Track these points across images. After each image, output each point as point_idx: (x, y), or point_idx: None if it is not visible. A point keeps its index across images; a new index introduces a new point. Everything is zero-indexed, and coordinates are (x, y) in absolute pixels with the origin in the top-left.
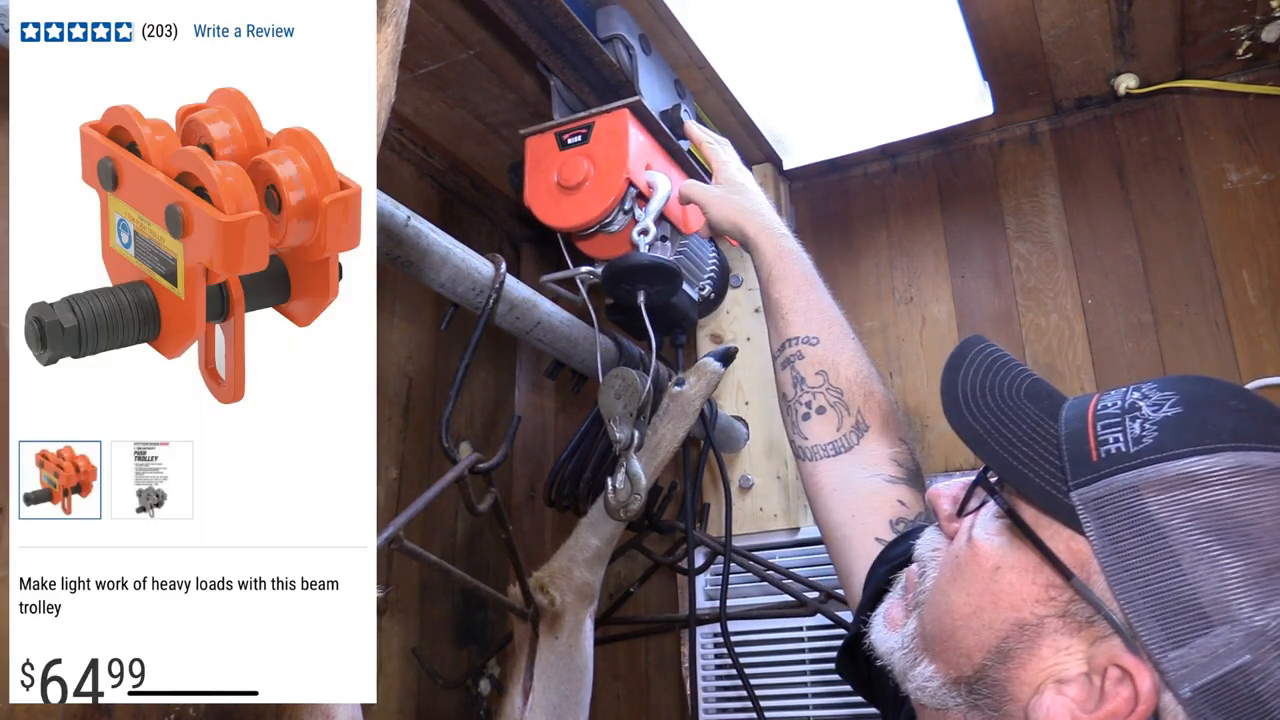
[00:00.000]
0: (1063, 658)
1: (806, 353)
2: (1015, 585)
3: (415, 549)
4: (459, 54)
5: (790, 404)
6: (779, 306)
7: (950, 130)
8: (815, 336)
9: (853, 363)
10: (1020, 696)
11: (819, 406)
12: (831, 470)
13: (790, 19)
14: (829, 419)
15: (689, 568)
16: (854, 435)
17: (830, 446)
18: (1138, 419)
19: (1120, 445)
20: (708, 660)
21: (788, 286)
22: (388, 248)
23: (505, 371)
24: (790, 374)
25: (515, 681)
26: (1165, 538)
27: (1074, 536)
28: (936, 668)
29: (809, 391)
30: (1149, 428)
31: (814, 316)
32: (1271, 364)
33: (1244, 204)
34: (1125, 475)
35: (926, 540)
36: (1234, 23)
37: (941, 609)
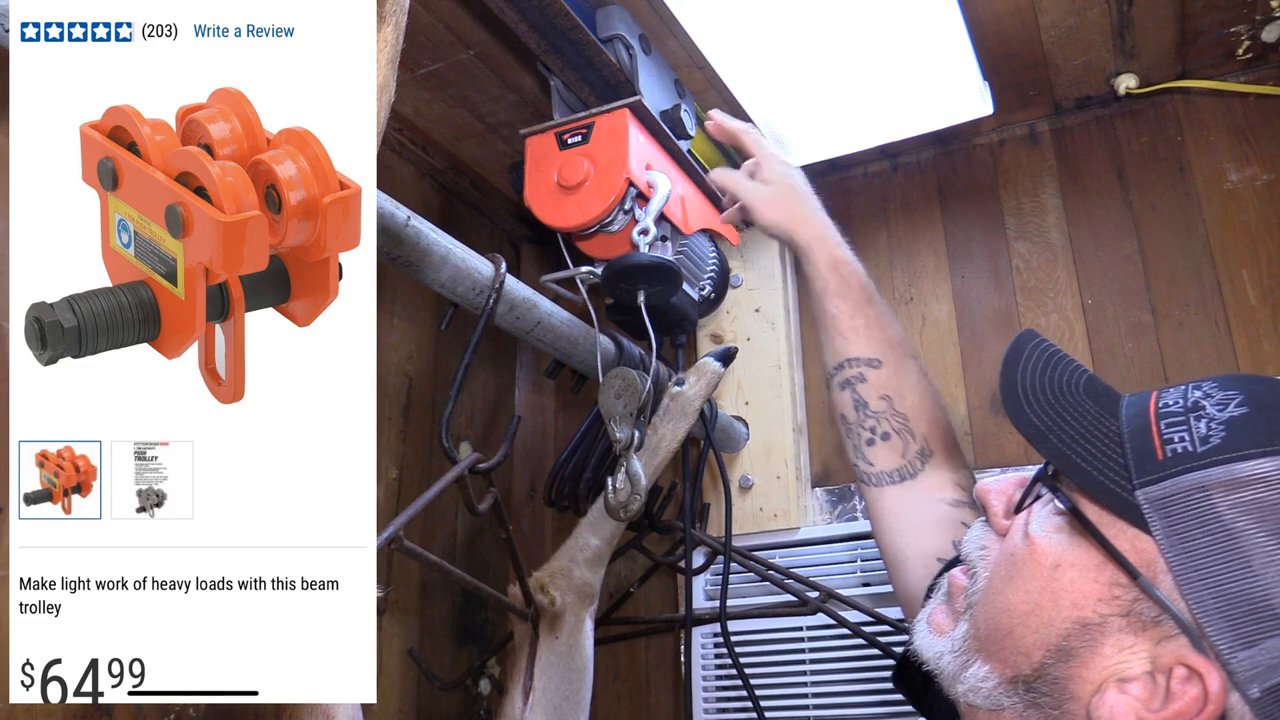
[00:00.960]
0: (1126, 656)
1: (869, 375)
2: (1077, 583)
3: (415, 549)
4: (459, 54)
5: (852, 428)
6: (836, 322)
7: (950, 130)
8: (877, 358)
9: (916, 387)
10: (1081, 695)
11: (883, 432)
12: (896, 496)
13: (790, 19)
14: (894, 445)
15: (687, 568)
16: (919, 461)
17: (895, 473)
18: (1203, 418)
19: (1187, 444)
20: (708, 660)
21: (846, 302)
22: (388, 248)
23: (505, 371)
24: (851, 396)
25: (515, 681)
26: (1235, 538)
27: (1139, 535)
28: (992, 668)
29: (873, 416)
30: (1215, 427)
31: (875, 336)
32: (1271, 364)
33: (1244, 204)
34: (1193, 475)
35: (973, 538)
36: (1234, 23)
37: (997, 608)
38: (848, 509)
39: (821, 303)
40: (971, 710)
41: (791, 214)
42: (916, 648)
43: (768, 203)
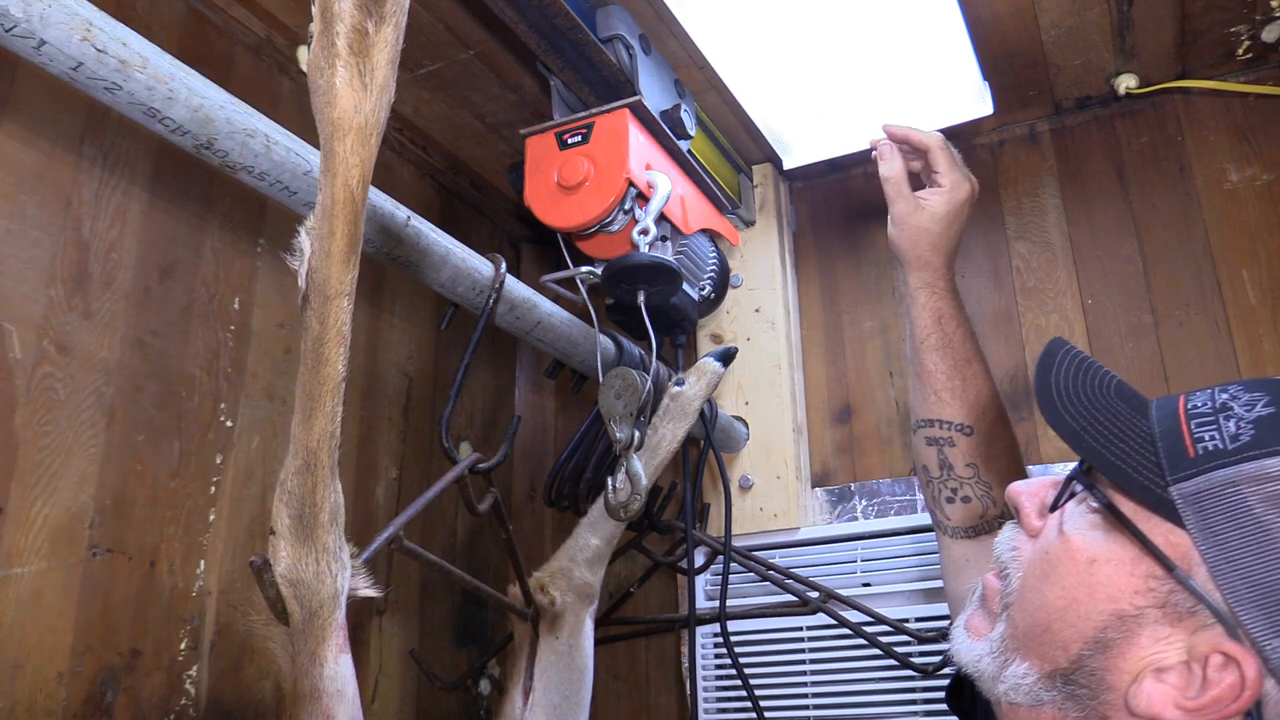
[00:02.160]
0: (1162, 647)
1: (959, 441)
2: (1113, 577)
3: (415, 549)
4: (459, 54)
5: (933, 481)
6: (932, 379)
7: (950, 130)
8: (969, 425)
9: (1005, 453)
10: (1119, 685)
11: (964, 496)
12: (968, 546)
13: (790, 19)
14: (973, 508)
15: (688, 568)
16: (996, 523)
17: (970, 530)
18: (1231, 418)
19: (1217, 442)
20: (708, 660)
21: (945, 360)
22: (388, 248)
23: (505, 371)
24: (937, 455)
25: (515, 681)
26: (1267, 530)
27: (1173, 530)
28: (1030, 664)
29: (956, 479)
30: (1245, 426)
31: (970, 400)
32: (1271, 364)
33: (1244, 204)
34: (1225, 471)
35: (1004, 540)
36: (1234, 23)
37: (1034, 605)
38: (848, 509)
39: (920, 355)
40: (1013, 709)
41: (916, 252)
42: (955, 652)
43: (906, 225)
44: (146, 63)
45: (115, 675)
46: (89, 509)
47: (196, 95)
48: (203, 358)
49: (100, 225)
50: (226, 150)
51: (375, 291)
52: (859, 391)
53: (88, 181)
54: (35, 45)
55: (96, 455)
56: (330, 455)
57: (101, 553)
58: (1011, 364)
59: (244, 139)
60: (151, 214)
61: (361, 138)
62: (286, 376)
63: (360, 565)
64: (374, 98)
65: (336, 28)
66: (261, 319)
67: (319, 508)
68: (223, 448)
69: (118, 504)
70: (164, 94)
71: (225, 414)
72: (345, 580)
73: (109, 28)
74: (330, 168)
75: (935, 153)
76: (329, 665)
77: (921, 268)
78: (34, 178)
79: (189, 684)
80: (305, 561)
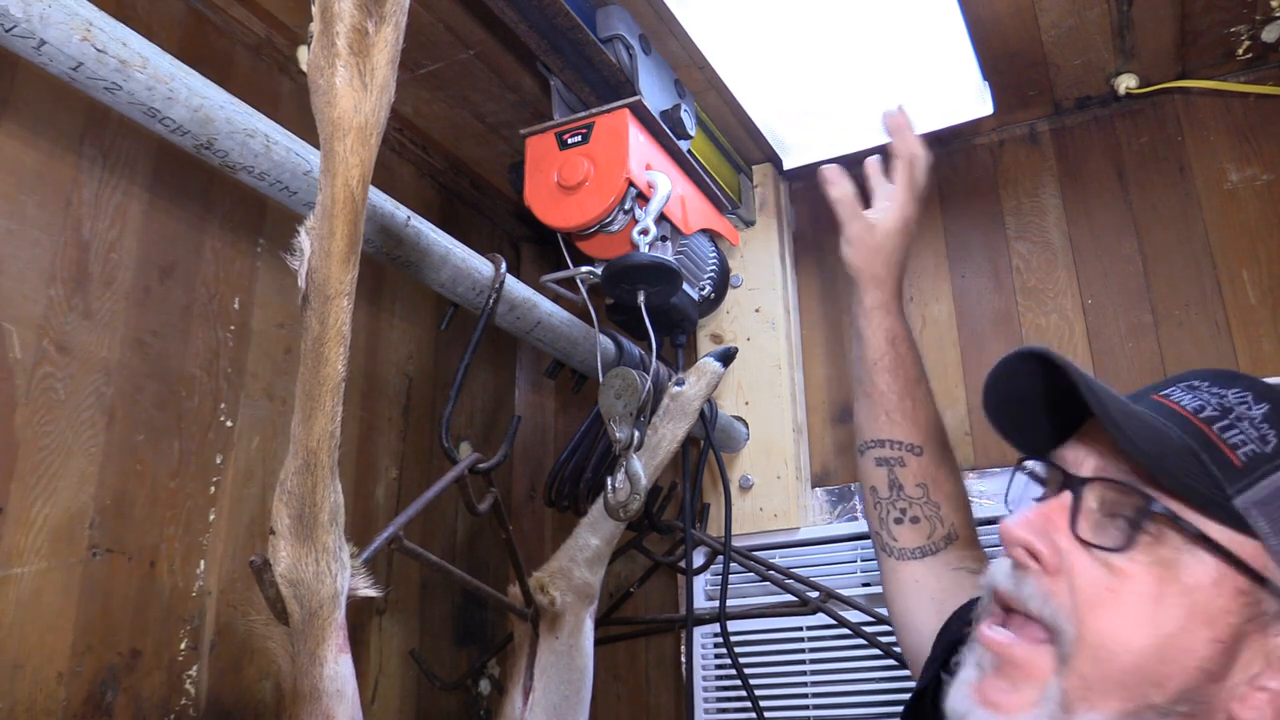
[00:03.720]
0: (1260, 661)
1: (909, 461)
2: (1202, 603)
3: (415, 549)
4: (459, 54)
5: (882, 503)
6: (884, 399)
7: (950, 130)
8: (919, 446)
9: (951, 476)
10: (1220, 704)
11: (913, 516)
12: (916, 569)
13: (790, 19)
14: (921, 528)
15: (688, 568)
16: (943, 543)
17: (918, 550)
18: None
19: (1253, 448)
20: (708, 660)
21: (896, 381)
22: (388, 248)
23: (505, 371)
24: (887, 475)
25: (515, 681)
26: None
27: (1242, 539)
28: (1108, 710)
29: (905, 500)
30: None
31: (920, 422)
32: (1271, 364)
33: (1244, 204)
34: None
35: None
36: (1234, 23)
37: (1115, 652)
38: (848, 509)
39: (872, 374)
40: None
41: (871, 270)
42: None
43: (864, 247)
44: (146, 63)
45: (115, 675)
46: (89, 509)
47: (196, 95)
48: (203, 358)
49: (100, 225)
50: (226, 150)
51: (375, 291)
52: None
53: (88, 181)
54: (35, 45)
55: (96, 455)
56: (330, 455)
57: (101, 553)
58: None
59: (244, 139)
60: (151, 214)
61: (361, 137)
62: (286, 376)
63: (360, 565)
64: (374, 97)
65: (336, 27)
66: (261, 319)
67: (319, 508)
68: (223, 448)
69: (118, 504)
70: (164, 94)
71: (225, 414)
72: (345, 580)
73: (109, 28)
74: (330, 168)
75: (906, 165)
76: (329, 665)
77: (877, 286)
78: (34, 178)
79: (189, 684)
80: (305, 561)
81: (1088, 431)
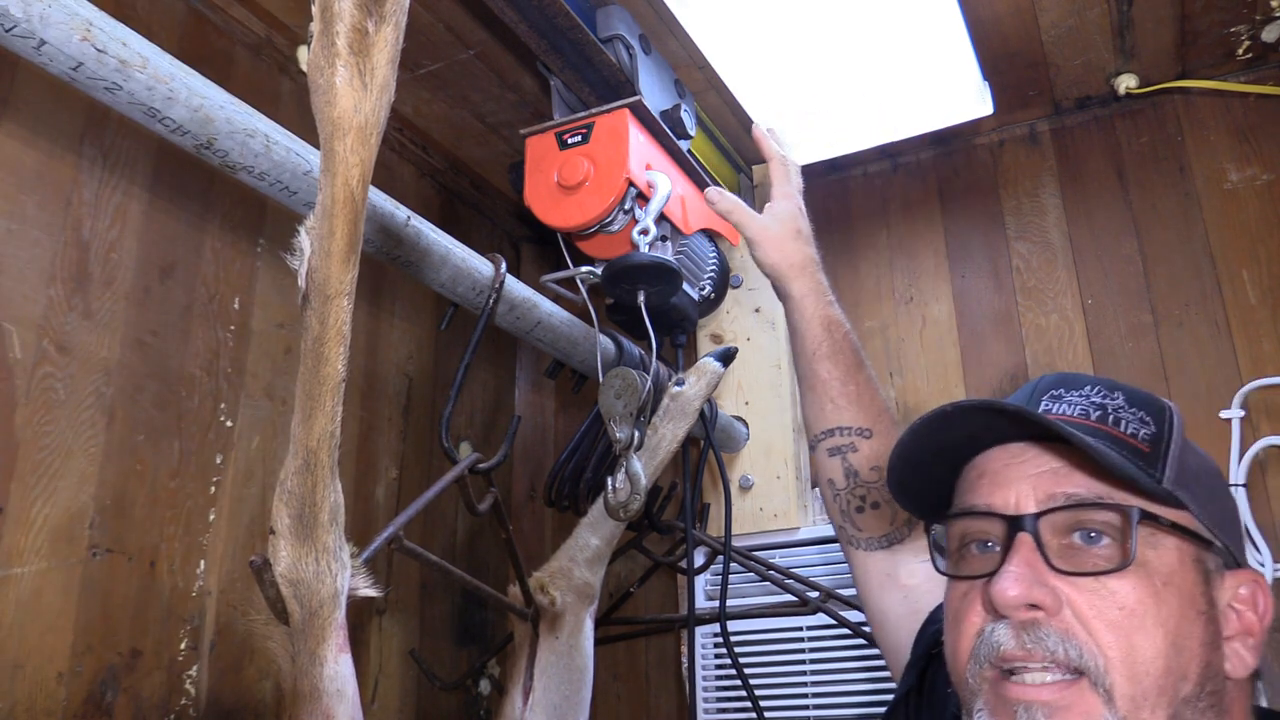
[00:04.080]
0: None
1: (860, 445)
2: (1183, 586)
3: (415, 549)
4: (459, 54)
5: (840, 494)
6: (827, 387)
7: (950, 130)
8: (869, 428)
9: None
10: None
11: (874, 502)
12: (885, 560)
13: (790, 19)
14: (883, 514)
15: (688, 568)
16: (906, 528)
17: (884, 539)
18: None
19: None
20: (708, 660)
21: (838, 366)
22: (388, 248)
23: (505, 371)
24: (842, 464)
25: (515, 681)
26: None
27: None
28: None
29: (864, 486)
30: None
31: (866, 405)
32: (1271, 364)
33: (1244, 204)
34: (1172, 452)
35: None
36: (1234, 23)
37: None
38: None
39: (813, 365)
40: None
41: (790, 260)
42: None
43: (771, 241)
44: (146, 63)
45: (115, 675)
46: (89, 509)
47: (196, 95)
48: (203, 358)
49: (100, 225)
50: (226, 150)
51: (375, 291)
52: None
53: (88, 181)
54: (35, 45)
55: (96, 455)
56: (330, 455)
57: (101, 553)
58: (1012, 364)
59: (244, 139)
60: (151, 214)
61: (361, 137)
62: (286, 376)
63: (360, 565)
64: (374, 97)
65: (337, 27)
66: (261, 319)
67: (319, 507)
68: (223, 448)
69: (118, 504)
70: (164, 94)
71: (225, 414)
72: (345, 580)
73: (109, 28)
74: (330, 167)
75: (771, 165)
76: (329, 665)
77: (798, 275)
78: (34, 178)
79: (189, 684)
80: (305, 561)
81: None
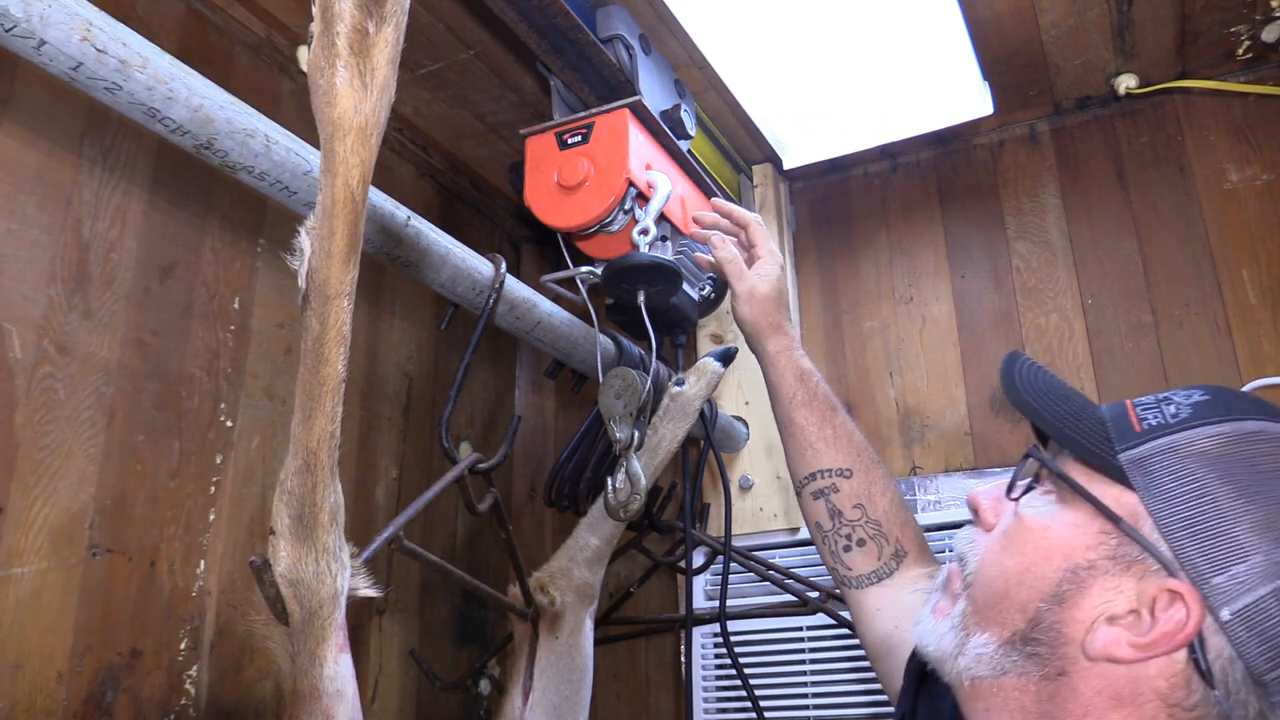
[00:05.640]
0: (1112, 595)
1: (841, 485)
2: (1066, 538)
3: (415, 549)
4: (459, 54)
5: (828, 535)
6: (805, 433)
7: (950, 130)
8: (848, 468)
9: (886, 492)
10: (1075, 636)
11: (859, 539)
12: (877, 596)
13: (790, 20)
14: (869, 550)
15: (688, 567)
16: (894, 562)
17: (873, 575)
18: (1171, 404)
19: (1160, 419)
20: (708, 660)
21: (814, 413)
22: (388, 248)
23: (505, 371)
24: (826, 506)
25: (515, 681)
26: (1202, 484)
27: (1123, 492)
28: (990, 634)
29: (848, 525)
30: (1183, 407)
31: (843, 446)
32: (1271, 364)
33: (1244, 204)
34: (1165, 439)
35: (964, 536)
36: (1234, 23)
37: (992, 576)
38: None
39: (789, 413)
40: (975, 686)
41: (769, 320)
42: (918, 635)
43: (754, 299)
44: (146, 63)
45: (115, 675)
46: (89, 509)
47: (196, 95)
48: (203, 358)
49: (100, 225)
50: (226, 150)
51: (375, 291)
52: (859, 391)
53: (88, 181)
54: (35, 45)
55: (96, 455)
56: (330, 455)
57: (101, 553)
58: None
59: (244, 139)
60: (151, 214)
61: (362, 138)
62: (286, 376)
63: (360, 565)
64: (374, 97)
65: (337, 28)
66: (261, 319)
67: (319, 508)
68: (223, 448)
69: (118, 504)
70: (164, 94)
71: (225, 414)
72: (345, 580)
73: (109, 28)
74: (330, 168)
75: (753, 228)
76: (329, 665)
77: (775, 333)
78: (34, 178)
79: (189, 684)
80: (305, 561)
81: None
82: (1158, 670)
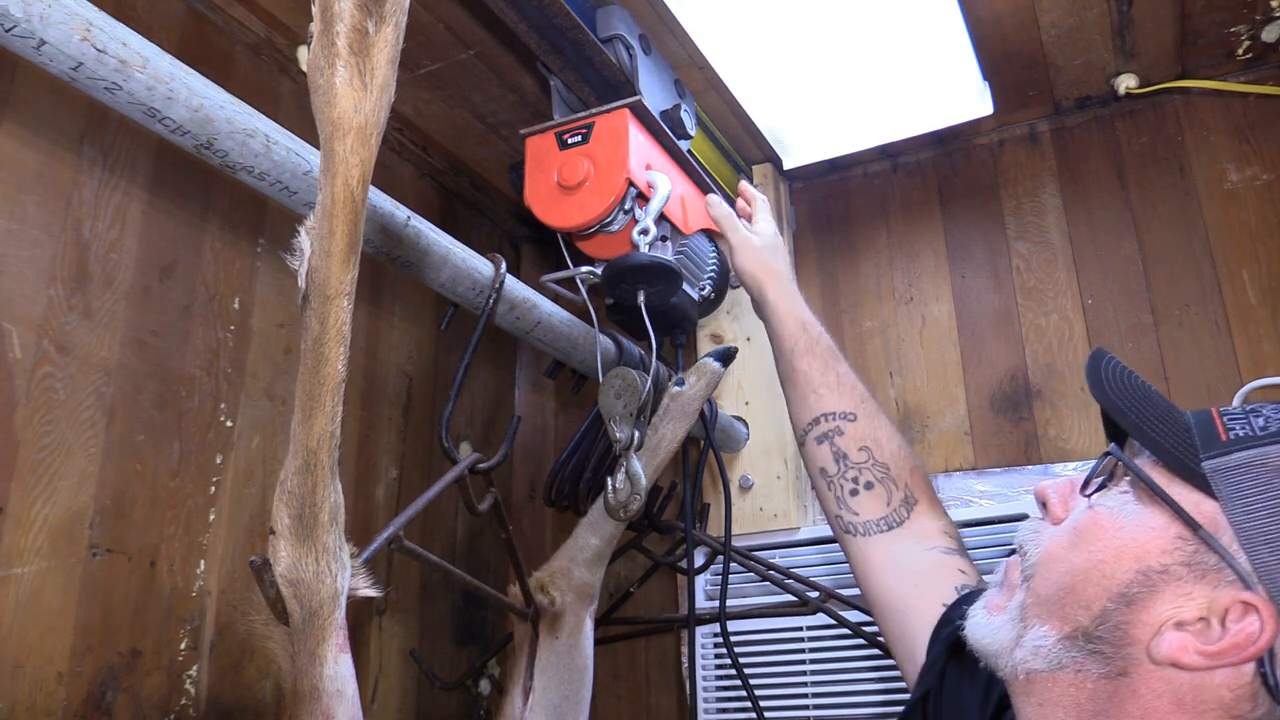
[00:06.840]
0: (1183, 601)
1: (846, 429)
2: (1140, 539)
3: (415, 549)
4: (459, 54)
5: (833, 480)
6: (808, 379)
7: (950, 130)
8: (852, 412)
9: (893, 438)
10: (1141, 638)
11: (866, 482)
12: (887, 544)
13: (790, 19)
14: (878, 494)
15: (688, 568)
16: (904, 509)
17: (882, 522)
18: (1260, 416)
19: (1247, 430)
20: (708, 660)
21: (815, 359)
22: (388, 248)
23: (505, 371)
24: (830, 450)
25: (515, 681)
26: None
27: (1203, 499)
28: (1051, 627)
29: (854, 467)
30: (1273, 420)
31: (846, 391)
32: (1271, 364)
33: (1244, 204)
34: (1252, 451)
35: (1028, 528)
36: (1234, 23)
37: (1059, 570)
38: None
39: (791, 360)
40: (1029, 680)
41: (767, 269)
42: (971, 632)
43: (750, 250)
44: (146, 63)
45: (115, 675)
46: (89, 509)
47: (196, 95)
48: (203, 358)
49: (100, 225)
50: (226, 150)
51: (375, 291)
52: None
53: (88, 181)
54: (35, 45)
55: (96, 455)
56: (330, 455)
57: (101, 553)
58: (1011, 364)
59: (244, 139)
60: (151, 214)
61: (361, 137)
62: (286, 376)
63: (360, 565)
64: (374, 97)
65: (337, 27)
66: (261, 319)
67: (319, 508)
68: (223, 448)
69: (118, 504)
70: (164, 94)
71: (225, 414)
72: (345, 580)
73: (109, 28)
74: (330, 167)
75: (758, 202)
76: (329, 665)
77: (774, 280)
78: (34, 178)
79: (189, 684)
80: (305, 561)
81: None
82: (1223, 680)
